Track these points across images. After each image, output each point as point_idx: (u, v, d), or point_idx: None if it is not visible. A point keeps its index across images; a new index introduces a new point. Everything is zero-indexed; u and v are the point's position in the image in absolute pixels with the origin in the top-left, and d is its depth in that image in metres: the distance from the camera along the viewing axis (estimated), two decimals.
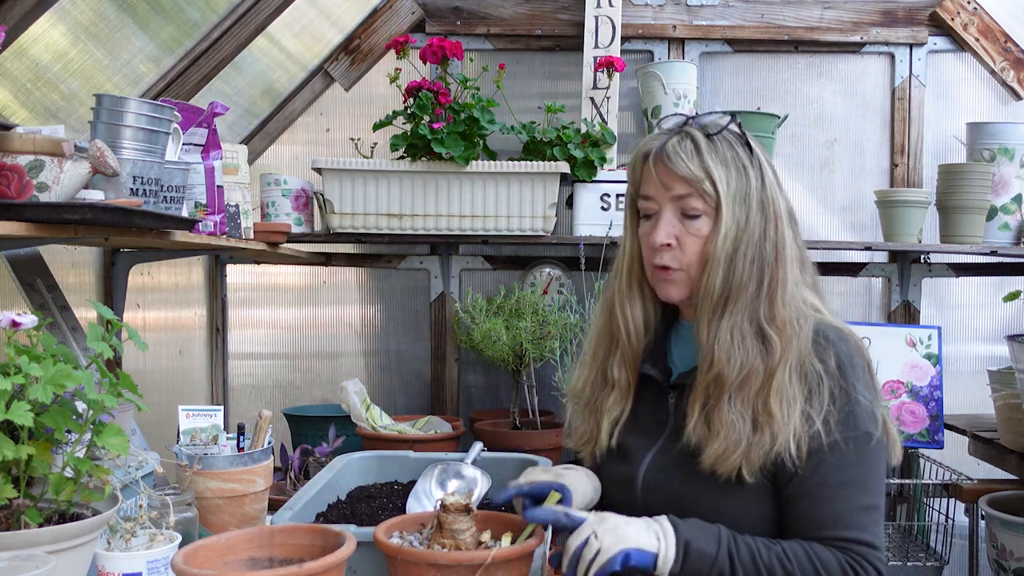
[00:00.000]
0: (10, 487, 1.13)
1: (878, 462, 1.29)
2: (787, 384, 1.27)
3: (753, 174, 1.33)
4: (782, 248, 1.33)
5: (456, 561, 1.20)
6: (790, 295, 1.32)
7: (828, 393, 1.28)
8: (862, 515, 1.27)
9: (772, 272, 1.32)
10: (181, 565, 1.12)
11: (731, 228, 1.31)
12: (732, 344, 1.29)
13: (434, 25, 3.01)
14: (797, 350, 1.29)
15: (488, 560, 1.19)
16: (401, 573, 1.24)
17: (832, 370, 1.29)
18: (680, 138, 1.34)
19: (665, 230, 1.34)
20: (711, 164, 1.31)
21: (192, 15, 2.31)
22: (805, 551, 1.25)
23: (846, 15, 3.03)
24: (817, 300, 1.38)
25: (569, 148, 2.66)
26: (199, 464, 1.70)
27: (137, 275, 2.42)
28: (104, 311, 1.28)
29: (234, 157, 2.22)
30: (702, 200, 1.32)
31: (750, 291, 1.31)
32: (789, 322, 1.30)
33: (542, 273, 3.00)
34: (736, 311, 1.31)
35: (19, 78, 1.91)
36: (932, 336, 2.74)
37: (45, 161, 1.33)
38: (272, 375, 3.12)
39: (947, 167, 2.79)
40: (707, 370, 1.31)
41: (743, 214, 1.31)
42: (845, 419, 1.27)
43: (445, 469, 1.63)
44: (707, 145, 1.32)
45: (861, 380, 1.30)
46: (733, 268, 1.31)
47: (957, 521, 2.66)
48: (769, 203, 1.34)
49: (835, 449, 1.26)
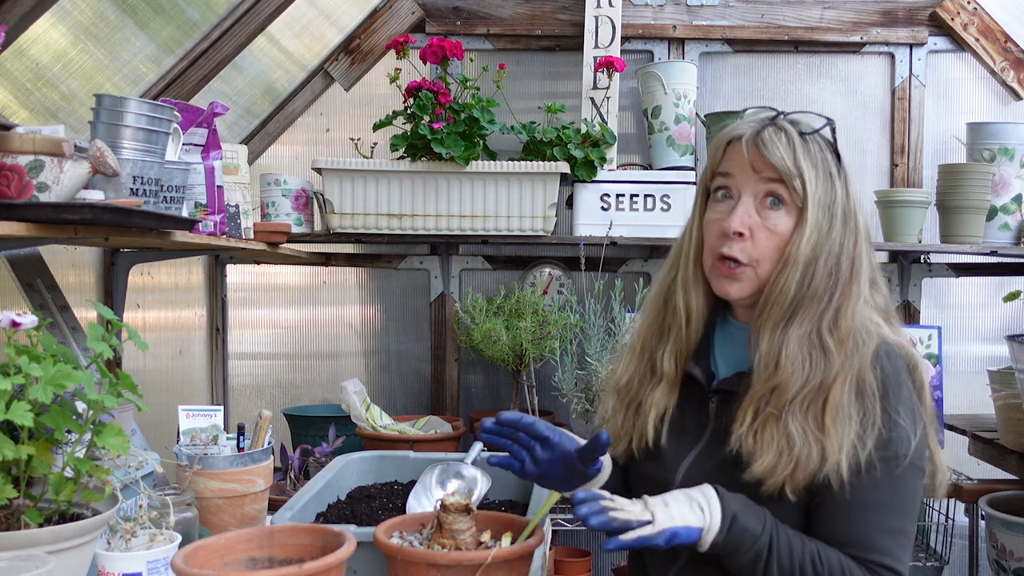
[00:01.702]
0: (10, 487, 1.13)
1: (911, 487, 1.24)
2: (844, 401, 1.22)
3: (839, 184, 1.29)
4: (858, 264, 1.29)
5: (456, 561, 1.20)
6: (859, 311, 1.27)
7: (879, 411, 1.23)
8: (887, 539, 1.23)
9: (845, 287, 1.27)
10: (181, 565, 1.12)
11: (814, 232, 1.26)
12: (800, 355, 1.24)
13: (434, 25, 3.01)
14: (857, 366, 1.24)
15: (488, 560, 1.19)
16: (401, 573, 1.24)
17: (877, 387, 1.24)
18: (775, 129, 1.29)
19: (741, 218, 1.27)
20: (803, 162, 1.27)
21: (192, 15, 2.31)
22: (838, 559, 1.22)
23: (846, 15, 3.03)
24: (881, 320, 1.32)
25: (569, 148, 2.66)
26: (199, 464, 1.70)
27: (137, 275, 2.42)
28: (104, 311, 1.28)
29: (234, 157, 2.22)
30: (788, 192, 1.27)
31: (822, 302, 1.26)
32: (852, 336, 1.25)
33: (542, 273, 3.00)
34: (805, 320, 1.25)
35: (19, 78, 1.91)
36: (932, 336, 2.74)
37: (45, 161, 1.33)
38: (272, 375, 3.12)
39: (947, 167, 2.79)
40: (767, 379, 1.25)
41: (827, 221, 1.27)
42: (880, 439, 1.22)
43: (445, 469, 1.63)
44: (800, 143, 1.28)
45: (904, 402, 1.24)
46: (811, 274, 1.25)
47: (957, 521, 2.65)
48: (851, 216, 1.30)
49: (870, 469, 1.22)
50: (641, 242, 2.72)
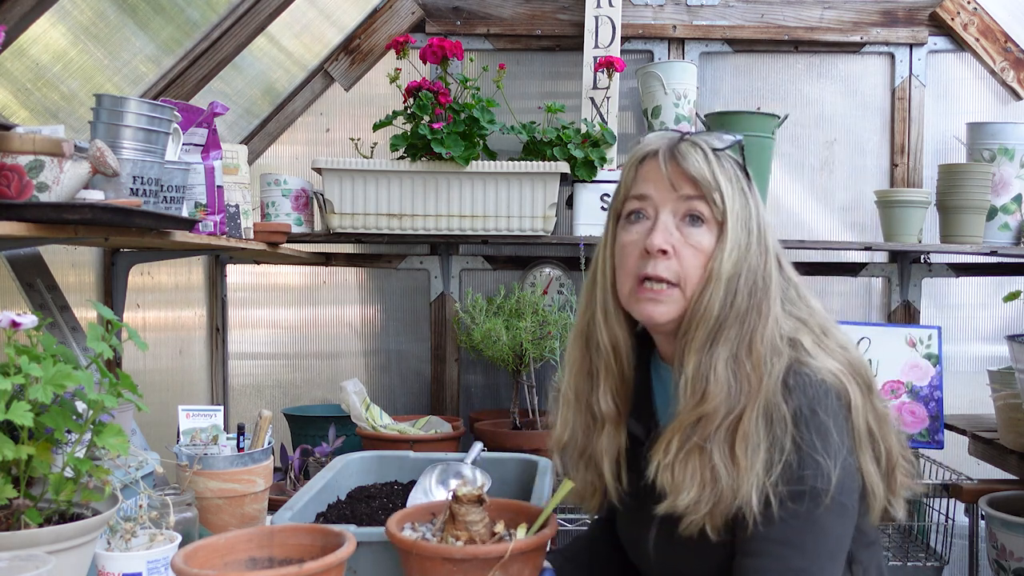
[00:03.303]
0: (10, 487, 1.13)
1: (827, 525, 1.15)
2: (752, 430, 1.15)
3: (752, 201, 1.26)
4: (770, 282, 1.23)
5: (472, 555, 1.18)
6: (769, 331, 1.20)
7: (787, 442, 1.15)
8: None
9: (759, 304, 1.21)
10: (181, 565, 1.12)
11: (735, 248, 1.21)
12: (727, 378, 1.17)
13: (434, 25, 3.01)
14: (765, 392, 1.17)
15: (507, 555, 1.17)
16: (415, 567, 1.21)
17: (788, 418, 1.16)
18: (689, 144, 1.25)
19: (663, 234, 1.21)
20: (720, 176, 1.22)
21: (192, 15, 2.31)
22: None
23: (846, 15, 3.03)
24: (807, 337, 1.24)
25: (569, 148, 2.66)
26: (199, 464, 1.70)
27: (137, 275, 2.42)
28: (104, 311, 1.28)
29: (234, 157, 2.22)
30: (709, 208, 1.22)
31: (743, 322, 1.20)
32: (764, 359, 1.18)
33: (542, 273, 3.00)
34: (728, 340, 1.19)
35: (19, 78, 1.91)
36: (932, 336, 2.74)
37: (45, 161, 1.33)
38: (272, 375, 3.12)
39: (947, 167, 2.79)
40: (694, 406, 1.18)
41: (745, 237, 1.22)
42: (792, 473, 1.14)
43: (445, 469, 1.63)
44: (715, 158, 1.24)
45: (818, 430, 1.15)
46: (734, 291, 1.20)
47: (957, 521, 2.65)
48: (763, 234, 1.25)
49: (782, 502, 1.15)
50: None
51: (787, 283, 1.28)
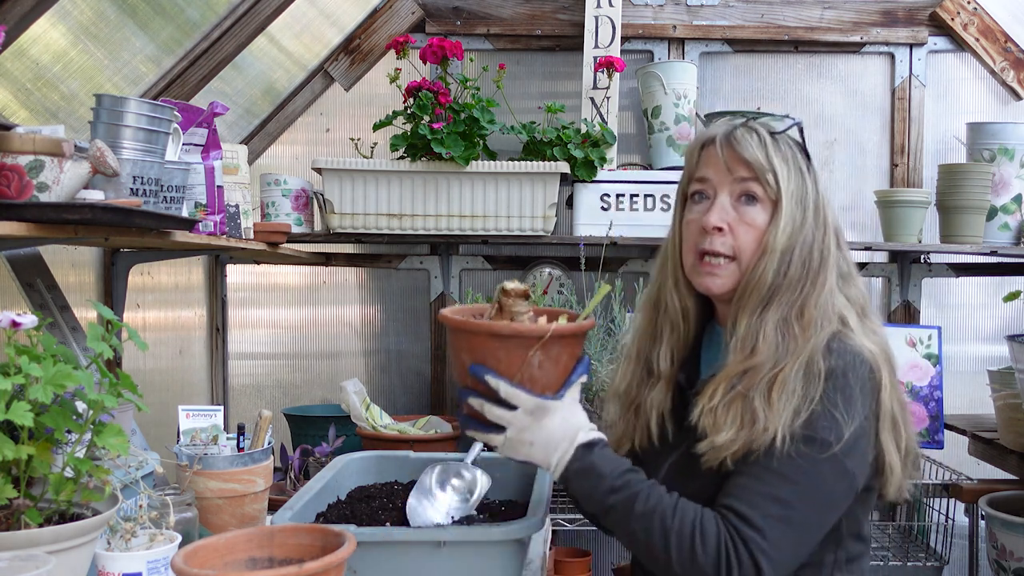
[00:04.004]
0: (10, 487, 1.13)
1: (821, 476, 1.24)
2: (792, 378, 1.26)
3: (810, 180, 1.36)
4: (827, 256, 1.35)
5: (517, 332, 1.26)
6: (824, 299, 1.32)
7: (817, 396, 1.26)
8: (767, 502, 1.23)
9: (815, 276, 1.33)
10: (181, 565, 1.12)
11: (789, 223, 1.32)
12: (775, 338, 1.29)
13: (434, 25, 3.01)
14: (811, 350, 1.28)
15: (548, 335, 1.25)
16: (464, 344, 1.30)
17: (823, 375, 1.27)
18: (746, 130, 1.36)
19: (719, 213, 1.34)
20: (775, 158, 1.33)
21: (192, 15, 2.31)
22: (697, 511, 1.25)
23: (846, 15, 3.03)
24: (853, 314, 1.36)
25: (569, 148, 2.66)
26: (199, 464, 1.70)
27: (137, 275, 2.42)
28: (104, 311, 1.28)
29: (234, 157, 2.22)
30: (763, 189, 1.33)
31: (795, 290, 1.32)
32: (815, 323, 1.30)
33: (542, 273, 3.00)
34: (780, 306, 1.31)
35: (19, 78, 1.92)
36: (932, 336, 2.74)
37: (45, 161, 1.33)
38: (272, 375, 3.12)
39: (947, 167, 2.79)
40: (743, 360, 1.30)
41: (800, 214, 1.33)
42: (810, 421, 1.25)
43: (445, 469, 1.62)
44: (771, 141, 1.35)
45: (844, 393, 1.26)
46: (788, 263, 1.32)
47: (957, 521, 2.65)
48: (821, 211, 1.36)
49: (793, 443, 1.24)
50: (641, 242, 2.72)
51: (844, 260, 1.39)
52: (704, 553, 1.21)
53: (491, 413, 1.28)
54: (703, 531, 1.23)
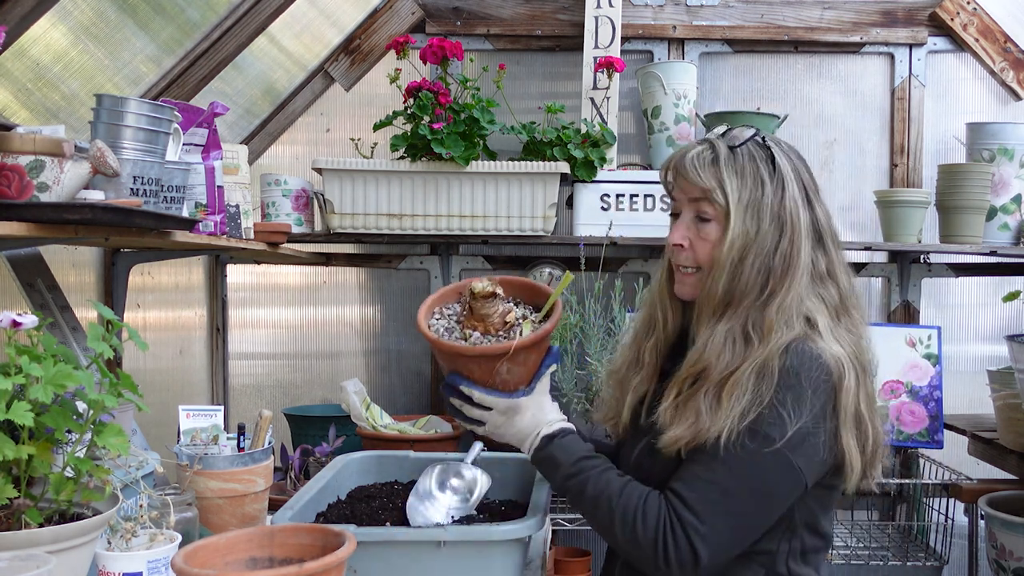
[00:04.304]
0: (10, 487, 1.13)
1: (764, 465, 1.30)
2: (744, 380, 1.32)
3: (771, 188, 1.39)
4: (793, 260, 1.38)
5: (481, 352, 1.38)
6: (787, 306, 1.36)
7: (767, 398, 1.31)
8: (708, 489, 1.30)
9: (776, 282, 1.37)
10: (181, 565, 1.12)
11: (738, 236, 1.37)
12: (724, 347, 1.35)
13: (434, 25, 3.01)
14: (767, 354, 1.33)
15: (511, 351, 1.36)
16: (442, 356, 1.45)
17: (776, 376, 1.32)
18: (704, 148, 1.43)
19: (679, 232, 1.44)
20: (725, 174, 1.39)
21: (192, 15, 2.31)
22: (643, 492, 1.34)
23: (846, 15, 3.03)
24: (826, 316, 1.38)
25: (569, 148, 2.66)
26: (199, 464, 1.70)
27: (137, 275, 2.42)
28: (104, 311, 1.28)
29: (234, 157, 2.22)
30: (712, 207, 1.40)
31: (751, 298, 1.37)
32: (773, 329, 1.34)
33: (542, 273, 3.00)
34: (735, 316, 1.37)
35: (19, 78, 1.92)
36: (932, 336, 2.74)
37: (45, 161, 1.33)
38: (272, 375, 3.12)
39: (947, 167, 2.79)
40: (693, 364, 1.38)
41: (754, 224, 1.38)
42: (757, 418, 1.30)
43: (445, 469, 1.63)
44: (727, 156, 1.40)
45: (794, 391, 1.31)
46: (738, 274, 1.37)
47: (957, 521, 2.66)
48: (787, 216, 1.39)
49: (739, 437, 1.30)
50: (641, 242, 2.72)
51: (822, 258, 1.42)
52: (644, 531, 1.31)
53: (470, 412, 1.44)
54: (645, 511, 1.32)
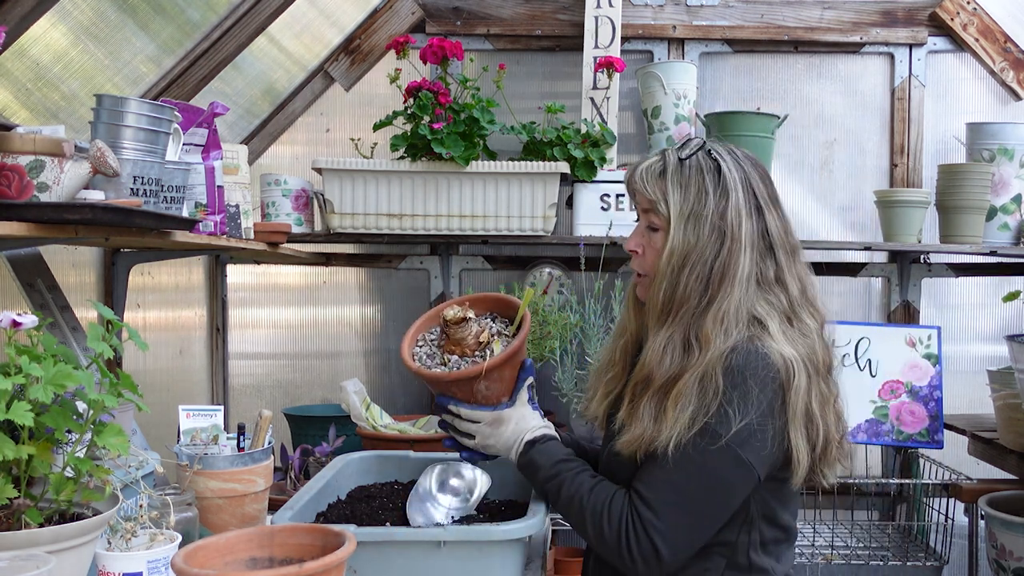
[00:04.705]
0: (10, 487, 1.13)
1: (714, 461, 1.34)
2: (687, 389, 1.36)
3: (713, 199, 1.42)
4: (733, 269, 1.40)
5: (456, 377, 1.51)
6: (725, 312, 1.39)
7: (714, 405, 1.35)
8: (664, 488, 1.36)
9: (714, 290, 1.40)
10: (181, 565, 1.12)
11: (678, 246, 1.42)
12: (663, 354, 1.40)
13: (434, 25, 3.01)
14: (708, 361, 1.36)
15: (483, 371, 1.48)
16: (425, 381, 1.60)
17: (721, 378, 1.35)
18: (656, 160, 1.48)
19: (635, 239, 1.52)
20: (670, 186, 1.44)
21: (192, 15, 2.31)
22: (610, 491, 1.41)
23: (846, 15, 3.03)
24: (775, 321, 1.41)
25: (569, 148, 2.66)
26: (199, 464, 1.70)
27: (137, 275, 2.42)
28: (104, 311, 1.28)
29: (234, 157, 2.22)
30: (658, 217, 1.46)
31: (691, 305, 1.40)
32: (713, 336, 1.38)
33: (542, 273, 3.00)
34: (675, 323, 1.42)
35: (20, 78, 1.92)
36: (932, 336, 2.74)
37: (45, 161, 1.33)
38: (272, 375, 3.12)
39: (947, 167, 2.79)
40: (639, 370, 1.44)
41: (693, 234, 1.42)
42: (706, 418, 1.35)
43: (445, 469, 1.63)
44: (675, 168, 1.45)
45: (739, 392, 1.34)
46: (678, 283, 1.41)
47: (957, 521, 2.66)
48: (727, 226, 1.41)
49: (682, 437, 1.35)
50: None
51: (771, 266, 1.45)
52: (609, 529, 1.38)
53: (460, 427, 1.56)
54: (610, 510, 1.39)
